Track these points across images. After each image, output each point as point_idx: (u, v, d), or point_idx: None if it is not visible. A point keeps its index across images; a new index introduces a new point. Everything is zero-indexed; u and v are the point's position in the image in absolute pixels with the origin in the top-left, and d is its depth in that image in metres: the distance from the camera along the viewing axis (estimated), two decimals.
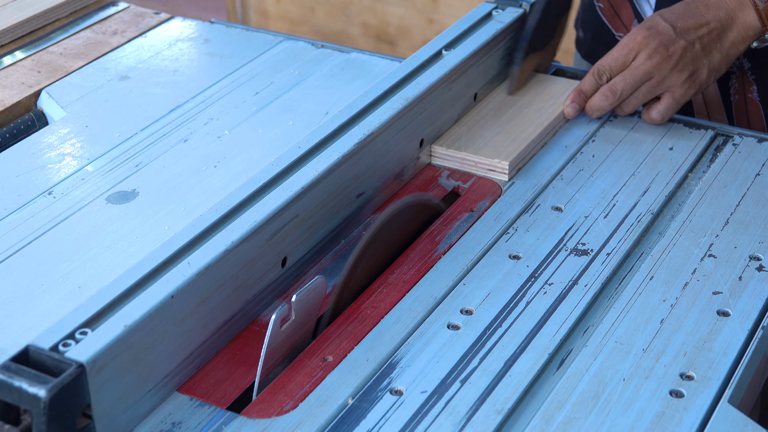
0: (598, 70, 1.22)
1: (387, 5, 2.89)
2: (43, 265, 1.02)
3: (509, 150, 1.16)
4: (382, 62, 1.36)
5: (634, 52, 1.20)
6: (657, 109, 1.22)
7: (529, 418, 0.86)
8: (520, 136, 1.19)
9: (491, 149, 1.17)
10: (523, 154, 1.17)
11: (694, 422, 0.84)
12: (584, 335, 0.94)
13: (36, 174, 1.16)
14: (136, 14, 1.48)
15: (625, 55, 1.21)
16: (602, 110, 1.23)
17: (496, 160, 1.15)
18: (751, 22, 1.21)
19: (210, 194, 1.11)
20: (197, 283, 0.89)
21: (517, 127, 1.21)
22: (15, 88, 1.31)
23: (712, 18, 1.21)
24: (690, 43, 1.20)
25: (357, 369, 0.90)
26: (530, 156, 1.18)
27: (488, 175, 1.15)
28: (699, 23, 1.21)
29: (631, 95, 1.22)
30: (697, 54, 1.20)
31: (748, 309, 0.95)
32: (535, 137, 1.19)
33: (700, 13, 1.21)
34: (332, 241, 1.06)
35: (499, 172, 1.15)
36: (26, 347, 0.81)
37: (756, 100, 1.34)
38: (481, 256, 1.03)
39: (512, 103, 1.26)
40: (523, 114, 1.23)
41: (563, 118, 1.24)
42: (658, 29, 1.20)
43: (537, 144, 1.19)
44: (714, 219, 1.07)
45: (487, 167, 1.15)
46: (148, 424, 0.86)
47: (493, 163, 1.15)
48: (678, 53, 1.19)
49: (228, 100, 1.29)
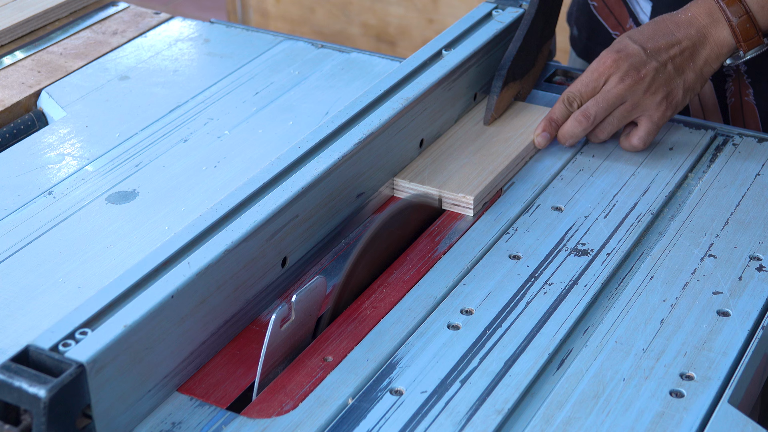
0: (568, 97, 1.18)
1: (387, 5, 2.89)
2: (43, 265, 1.02)
3: (474, 184, 1.11)
4: (382, 62, 1.36)
5: (605, 76, 1.17)
6: (637, 135, 1.18)
7: (529, 418, 0.86)
8: (487, 169, 1.13)
9: (456, 182, 1.11)
10: (490, 188, 1.11)
11: (694, 422, 0.84)
12: (584, 335, 0.94)
13: (36, 174, 1.16)
14: (136, 14, 1.48)
15: (595, 80, 1.17)
16: (575, 137, 1.17)
17: (461, 194, 1.09)
18: (724, 38, 1.18)
19: (210, 194, 1.11)
20: (197, 283, 0.89)
21: (484, 158, 1.15)
22: (15, 88, 1.31)
23: (683, 36, 1.18)
24: (662, 64, 1.17)
25: (357, 369, 0.90)
26: (497, 188, 1.13)
27: (453, 209, 1.10)
28: (670, 43, 1.18)
29: (605, 120, 1.17)
30: (670, 75, 1.17)
31: (748, 309, 0.95)
32: (502, 169, 1.13)
33: (671, 32, 1.18)
34: (332, 241, 1.06)
35: (464, 207, 1.10)
36: (26, 347, 0.81)
37: (752, 103, 1.33)
38: (481, 256, 1.03)
39: (480, 132, 1.20)
40: (492, 144, 1.18)
41: (533, 148, 1.18)
42: (628, 51, 1.17)
43: (505, 176, 1.14)
44: (714, 219, 1.07)
45: (451, 202, 1.10)
46: (148, 424, 0.86)
47: (457, 197, 1.10)
48: (650, 75, 1.16)
49: (228, 100, 1.29)
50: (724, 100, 1.35)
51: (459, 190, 1.10)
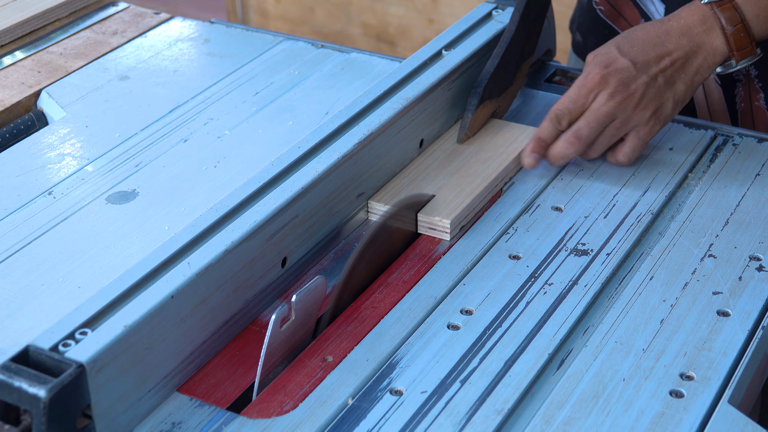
0: (556, 114, 1.14)
1: (387, 5, 2.89)
2: (43, 265, 1.02)
3: (452, 207, 1.07)
4: (382, 62, 1.36)
5: (593, 92, 1.13)
6: (623, 151, 1.15)
7: (529, 418, 0.86)
8: (465, 190, 1.09)
9: (432, 205, 1.07)
10: (468, 210, 1.08)
11: (694, 422, 0.84)
12: (584, 335, 0.94)
13: (36, 174, 1.16)
14: (136, 14, 1.48)
15: (584, 96, 1.13)
16: (567, 158, 1.14)
17: (437, 218, 1.06)
18: (718, 47, 1.15)
19: (210, 194, 1.11)
20: (197, 283, 0.89)
21: (462, 179, 1.11)
22: (15, 88, 1.31)
23: (675, 47, 1.14)
24: (652, 78, 1.13)
25: (357, 369, 0.90)
26: (476, 211, 1.09)
27: (429, 233, 1.07)
28: (660, 54, 1.14)
29: (596, 140, 1.14)
30: (660, 88, 1.14)
31: (748, 309, 0.95)
32: (480, 191, 1.09)
33: (662, 42, 1.15)
34: (332, 241, 1.06)
35: (440, 231, 1.06)
36: (26, 347, 0.81)
37: (763, 107, 1.32)
38: (481, 256, 1.03)
39: (459, 152, 1.16)
40: (470, 165, 1.14)
41: (513, 168, 1.14)
42: (617, 66, 1.13)
43: (483, 198, 1.10)
44: (714, 219, 1.07)
45: (427, 226, 1.06)
46: (148, 424, 0.86)
47: (433, 221, 1.06)
48: (640, 90, 1.12)
49: (228, 100, 1.29)
50: (734, 105, 1.33)
51: (435, 213, 1.06)
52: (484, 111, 1.20)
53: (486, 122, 1.21)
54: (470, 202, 1.08)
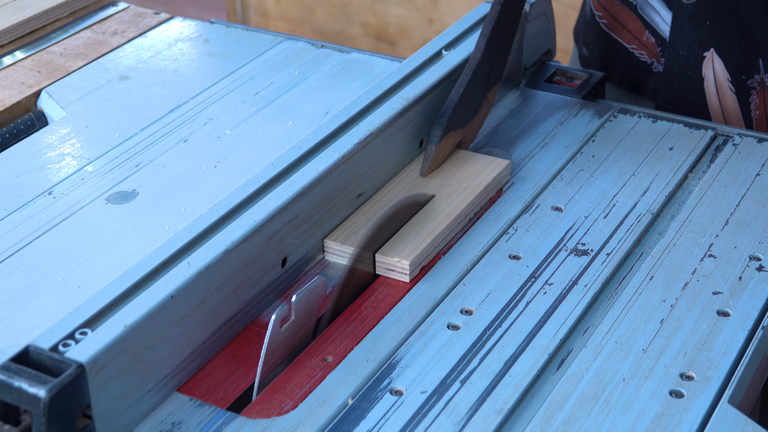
0: None
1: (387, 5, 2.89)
2: (43, 265, 1.02)
3: (411, 246, 1.01)
4: (382, 62, 1.36)
5: None
6: None
7: (529, 418, 0.86)
8: (426, 228, 1.04)
9: (391, 245, 1.02)
10: (429, 250, 1.02)
11: (694, 422, 0.84)
12: (584, 335, 0.94)
13: (36, 174, 1.16)
14: (136, 14, 1.48)
15: None
16: None
17: (396, 258, 1.00)
18: None
19: (210, 194, 1.11)
20: (197, 283, 0.89)
21: (424, 215, 1.06)
22: (15, 88, 1.31)
23: None
24: None
25: (357, 369, 0.90)
26: (438, 250, 1.04)
27: (388, 275, 1.01)
28: None
29: None
30: None
31: (748, 309, 0.95)
32: (443, 229, 1.04)
33: None
34: None
35: (399, 273, 1.00)
36: (26, 347, 0.81)
37: None
38: (481, 256, 1.03)
39: (422, 186, 1.11)
40: (433, 200, 1.08)
41: (479, 203, 1.09)
42: None
43: (446, 236, 1.05)
44: (714, 219, 1.07)
45: (385, 267, 1.01)
46: (148, 424, 0.86)
47: (391, 262, 1.00)
48: None
49: (228, 100, 1.29)
50: (749, 113, 1.33)
51: (394, 253, 1.00)
52: (449, 142, 1.14)
53: (451, 153, 1.15)
54: (431, 241, 1.02)
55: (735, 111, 1.33)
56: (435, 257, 1.03)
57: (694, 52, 1.32)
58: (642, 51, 1.37)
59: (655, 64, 1.37)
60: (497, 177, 1.12)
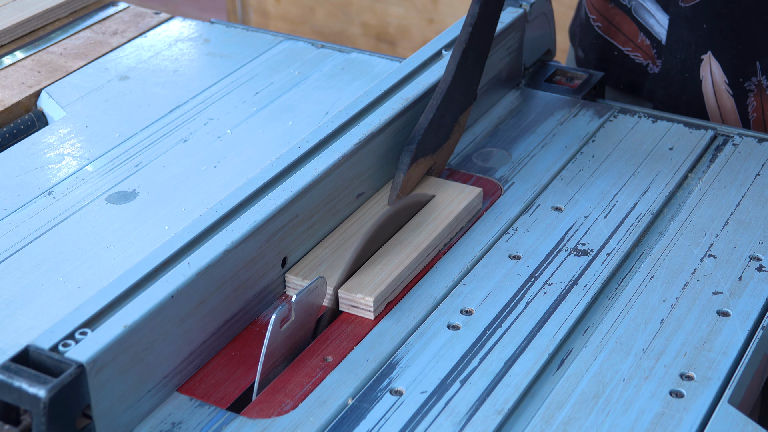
0: None
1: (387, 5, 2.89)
2: (43, 265, 1.02)
3: (376, 281, 0.96)
4: (382, 62, 1.36)
5: None
6: None
7: (529, 418, 0.86)
8: (392, 262, 0.98)
9: (355, 280, 0.97)
10: (395, 284, 0.97)
11: (694, 422, 0.84)
12: (584, 335, 0.94)
13: (36, 174, 1.16)
14: (136, 14, 1.48)
15: None
16: None
17: (359, 295, 0.95)
18: None
19: (210, 194, 1.11)
20: (197, 283, 0.89)
21: (390, 248, 1.00)
22: (15, 88, 1.31)
23: None
24: None
25: (357, 369, 0.90)
26: (405, 284, 0.99)
27: (351, 311, 0.96)
28: None
29: None
30: None
31: (748, 309, 0.95)
32: (410, 262, 0.99)
33: None
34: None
35: (363, 309, 0.95)
36: (26, 347, 0.81)
37: None
38: (481, 256, 1.03)
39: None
40: (400, 231, 1.03)
41: (449, 233, 1.04)
42: None
43: (414, 269, 1.00)
44: (714, 219, 1.07)
45: (348, 303, 0.96)
46: (148, 424, 0.86)
47: (355, 299, 0.95)
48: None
49: (228, 100, 1.29)
50: (746, 116, 1.33)
51: (357, 289, 0.95)
52: (418, 169, 1.10)
53: (420, 181, 1.11)
54: (397, 276, 0.97)
55: (733, 113, 1.34)
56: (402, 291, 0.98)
57: (691, 54, 1.32)
58: (637, 53, 1.37)
59: (650, 65, 1.37)
60: (468, 206, 1.07)
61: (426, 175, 1.12)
